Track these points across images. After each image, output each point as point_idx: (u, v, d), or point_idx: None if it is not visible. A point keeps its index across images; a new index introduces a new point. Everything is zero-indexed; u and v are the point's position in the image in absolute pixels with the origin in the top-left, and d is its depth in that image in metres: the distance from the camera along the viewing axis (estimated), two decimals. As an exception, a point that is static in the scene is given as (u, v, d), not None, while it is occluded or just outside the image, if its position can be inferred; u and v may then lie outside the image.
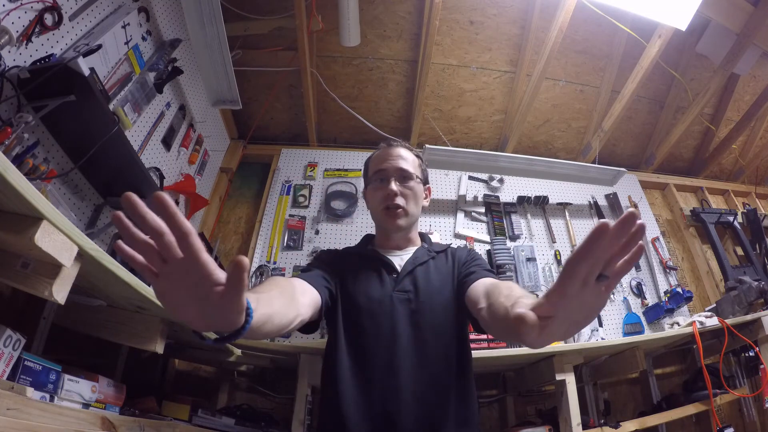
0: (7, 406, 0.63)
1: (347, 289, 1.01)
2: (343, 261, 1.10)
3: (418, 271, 1.05)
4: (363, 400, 0.89)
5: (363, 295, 0.99)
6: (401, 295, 0.99)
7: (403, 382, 0.89)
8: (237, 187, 2.47)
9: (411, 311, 0.96)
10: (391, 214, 1.09)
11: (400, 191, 1.09)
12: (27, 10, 1.04)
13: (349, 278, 1.04)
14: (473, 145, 2.81)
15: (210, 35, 1.66)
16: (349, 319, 0.98)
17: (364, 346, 0.94)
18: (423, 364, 0.91)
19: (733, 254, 2.60)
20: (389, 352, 0.92)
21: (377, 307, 0.97)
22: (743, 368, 1.91)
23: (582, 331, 1.86)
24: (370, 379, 0.90)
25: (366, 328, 0.95)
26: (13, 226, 0.61)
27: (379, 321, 0.95)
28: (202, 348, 1.44)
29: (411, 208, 1.10)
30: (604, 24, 2.27)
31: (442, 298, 0.99)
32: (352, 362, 0.93)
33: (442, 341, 0.95)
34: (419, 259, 1.08)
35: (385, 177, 1.11)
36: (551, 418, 1.58)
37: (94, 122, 1.14)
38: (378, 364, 0.91)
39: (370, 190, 1.16)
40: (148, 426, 0.96)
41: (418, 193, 1.13)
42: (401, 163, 1.12)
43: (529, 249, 2.25)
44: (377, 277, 1.04)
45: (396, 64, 2.46)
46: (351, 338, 0.96)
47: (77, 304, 1.00)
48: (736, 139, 2.88)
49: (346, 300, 1.00)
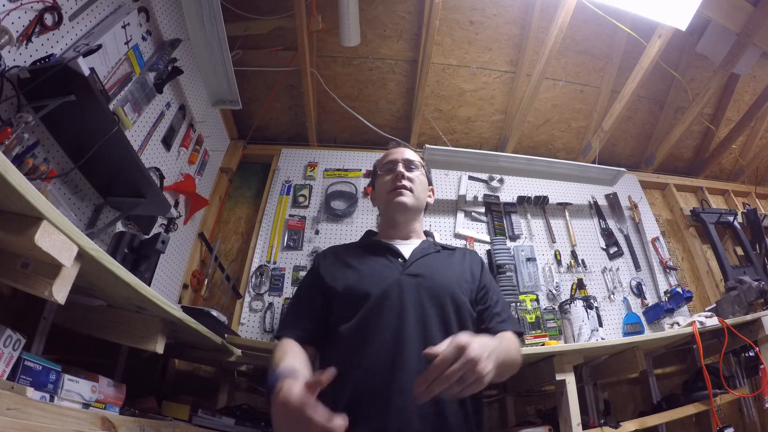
0: (7, 406, 0.63)
1: (349, 282, 1.00)
2: (342, 258, 1.10)
3: (426, 258, 1.07)
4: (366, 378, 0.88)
5: (369, 282, 0.98)
6: (410, 279, 0.99)
7: (409, 374, 0.86)
8: (237, 187, 2.47)
9: (419, 295, 0.96)
10: (398, 192, 1.13)
11: (407, 175, 1.16)
12: (27, 10, 1.04)
13: (351, 270, 1.03)
14: (473, 145, 2.81)
15: (210, 35, 1.66)
16: (351, 308, 0.96)
17: (370, 331, 0.92)
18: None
19: (733, 254, 2.60)
20: (397, 336, 0.90)
21: (386, 290, 0.96)
22: (743, 368, 1.91)
23: (582, 331, 1.86)
24: (374, 369, 0.87)
25: (373, 313, 0.93)
26: (13, 226, 0.61)
27: (387, 304, 0.94)
28: (202, 348, 1.45)
29: (417, 193, 1.16)
30: (604, 24, 2.27)
31: (450, 289, 0.99)
32: (357, 346, 0.91)
33: (449, 329, 0.94)
34: (426, 249, 1.10)
35: (393, 166, 1.19)
36: (551, 418, 1.58)
37: (94, 122, 1.13)
38: (384, 350, 0.89)
39: (378, 180, 1.23)
40: (148, 426, 0.96)
41: (423, 183, 1.20)
42: (408, 155, 1.21)
43: (529, 249, 2.25)
44: (384, 261, 1.05)
45: (396, 64, 2.46)
46: (356, 325, 0.94)
47: (77, 304, 1.00)
48: (736, 139, 2.88)
49: (348, 293, 0.99)
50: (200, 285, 2.06)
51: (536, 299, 2.10)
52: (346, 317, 0.95)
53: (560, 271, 2.28)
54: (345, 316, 0.96)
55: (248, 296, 2.00)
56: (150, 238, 1.26)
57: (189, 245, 2.05)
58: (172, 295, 1.88)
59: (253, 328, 1.93)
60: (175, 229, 1.87)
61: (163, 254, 1.30)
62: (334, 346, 0.96)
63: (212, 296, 2.09)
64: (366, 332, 0.92)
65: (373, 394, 0.85)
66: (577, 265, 2.30)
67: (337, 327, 0.97)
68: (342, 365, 0.89)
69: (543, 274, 2.23)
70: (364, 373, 0.87)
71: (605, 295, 2.24)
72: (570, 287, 2.21)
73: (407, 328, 0.90)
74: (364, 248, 1.13)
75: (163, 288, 1.80)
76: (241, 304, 1.99)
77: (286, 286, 2.04)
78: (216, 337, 1.28)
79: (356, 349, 0.90)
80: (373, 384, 0.86)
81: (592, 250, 2.39)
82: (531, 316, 2.03)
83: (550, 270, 2.25)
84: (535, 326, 2.00)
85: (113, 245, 1.23)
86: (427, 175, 1.24)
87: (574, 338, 1.87)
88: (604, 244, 2.43)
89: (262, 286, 2.02)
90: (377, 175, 1.25)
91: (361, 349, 0.90)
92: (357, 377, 0.87)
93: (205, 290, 2.08)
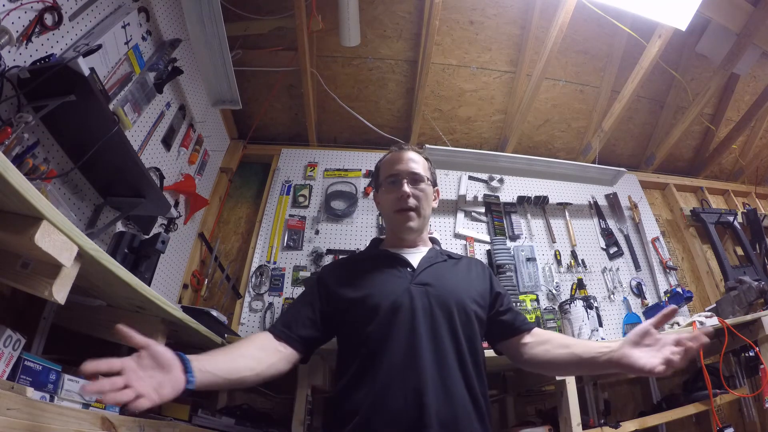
0: (7, 406, 0.63)
1: (360, 293, 1.01)
2: (351, 270, 1.11)
3: (434, 267, 1.08)
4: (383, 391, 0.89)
5: (379, 294, 1.00)
6: (419, 288, 1.01)
7: (425, 376, 0.89)
8: (237, 187, 2.47)
9: (429, 303, 0.98)
10: (404, 216, 1.12)
11: (412, 193, 1.12)
12: (27, 10, 1.04)
13: (362, 282, 1.05)
14: (473, 145, 2.81)
15: (210, 35, 1.65)
16: (365, 319, 0.98)
17: (384, 340, 0.94)
18: (440, 357, 0.92)
19: (733, 254, 2.60)
20: (410, 343, 0.92)
21: (397, 299, 0.98)
22: (743, 368, 1.91)
23: (582, 331, 1.86)
24: (389, 382, 0.89)
25: (387, 322, 0.95)
26: (13, 226, 0.61)
27: (399, 313, 0.96)
28: (202, 348, 1.44)
29: (423, 210, 1.14)
30: (604, 24, 2.27)
31: (457, 296, 1.01)
32: (373, 356, 0.93)
33: (457, 335, 0.96)
34: (433, 258, 1.11)
35: (397, 180, 1.15)
36: (551, 418, 1.58)
37: (94, 122, 1.13)
38: (398, 358, 0.91)
39: (382, 193, 1.20)
40: (148, 426, 0.96)
41: (429, 195, 1.18)
42: (413, 166, 1.16)
43: (529, 249, 2.25)
44: (393, 272, 1.06)
45: (396, 64, 2.46)
46: (370, 334, 0.95)
47: (77, 304, 1.00)
48: (736, 139, 2.88)
49: (359, 305, 1.00)
50: (200, 285, 2.06)
51: (536, 299, 2.10)
52: (361, 328, 0.97)
53: (560, 271, 2.28)
54: (359, 326, 0.97)
55: (248, 296, 2.00)
56: (150, 238, 1.26)
57: (189, 245, 2.05)
58: (172, 295, 1.88)
59: (253, 328, 1.93)
60: (175, 229, 1.87)
61: (163, 254, 1.31)
62: (350, 357, 0.98)
63: (212, 296, 2.09)
64: (381, 342, 0.94)
65: (392, 399, 0.87)
66: (577, 265, 2.30)
67: (351, 337, 0.99)
68: (360, 373, 0.92)
69: (543, 274, 2.23)
70: (382, 379, 0.90)
71: (605, 295, 2.24)
72: (570, 287, 2.21)
73: (419, 336, 0.93)
74: (372, 259, 1.14)
75: (163, 288, 1.80)
76: (241, 304, 1.99)
77: (286, 286, 2.04)
78: (216, 337, 1.28)
79: (372, 358, 0.93)
80: (390, 391, 0.88)
81: (592, 250, 2.39)
82: (531, 316, 2.03)
83: (550, 270, 2.25)
84: (535, 326, 1.99)
85: (113, 245, 1.22)
86: (432, 179, 1.20)
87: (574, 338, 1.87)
88: (604, 244, 2.43)
89: (262, 286, 2.02)
90: (380, 183, 1.21)
91: (378, 358, 0.92)
92: (375, 384, 0.90)
93: (205, 290, 2.08)
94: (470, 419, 0.89)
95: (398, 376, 0.89)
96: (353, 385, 0.93)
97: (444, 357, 0.92)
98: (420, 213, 1.13)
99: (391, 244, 1.19)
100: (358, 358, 0.94)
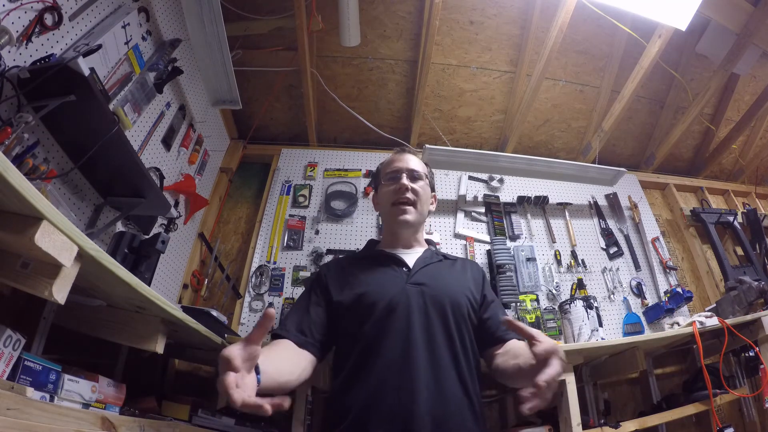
0: (7, 406, 0.63)
1: (356, 292, 1.02)
2: (348, 270, 1.12)
3: (430, 267, 1.10)
4: (377, 388, 0.90)
5: (375, 293, 1.01)
6: (414, 287, 1.02)
7: (418, 375, 0.89)
8: (237, 187, 2.47)
9: (424, 303, 0.99)
10: (401, 208, 1.14)
11: (411, 187, 1.16)
12: (27, 10, 1.04)
13: (358, 281, 1.06)
14: (473, 145, 2.81)
15: (210, 35, 1.65)
16: (362, 317, 0.99)
17: (380, 338, 0.95)
18: (434, 356, 0.93)
19: (733, 254, 2.60)
20: (405, 341, 0.93)
21: (393, 298, 0.99)
22: (743, 368, 1.91)
23: (582, 331, 1.86)
24: (383, 380, 0.90)
25: (383, 321, 0.96)
26: (13, 226, 0.61)
27: (395, 312, 0.97)
28: (202, 348, 1.45)
29: (420, 206, 1.17)
30: (604, 24, 2.28)
31: (451, 296, 1.02)
32: (369, 353, 0.94)
33: (451, 334, 0.97)
34: (428, 259, 1.13)
35: (397, 175, 1.18)
36: (551, 418, 1.58)
37: (94, 122, 1.13)
38: (393, 356, 0.92)
39: (381, 188, 1.22)
40: (148, 426, 0.96)
41: (427, 194, 1.20)
42: (413, 164, 1.20)
43: (529, 249, 2.25)
44: (389, 271, 1.08)
45: (396, 64, 2.46)
46: (366, 333, 0.96)
47: (77, 304, 1.00)
48: (736, 139, 2.88)
49: (357, 303, 1.01)
50: (200, 285, 2.06)
51: (536, 299, 2.10)
52: (357, 326, 0.98)
53: (560, 271, 2.28)
54: (355, 325, 0.99)
55: (248, 296, 2.00)
56: (150, 238, 1.26)
57: (189, 245, 2.05)
58: (172, 295, 1.88)
59: (252, 328, 1.93)
60: (175, 229, 1.87)
61: (163, 254, 1.31)
62: (345, 355, 0.98)
63: (212, 296, 2.09)
64: (376, 340, 0.95)
65: (385, 397, 0.88)
66: (577, 265, 2.30)
67: (347, 336, 1.00)
68: (355, 371, 0.93)
69: (543, 274, 2.23)
70: (376, 378, 0.90)
71: (605, 295, 2.24)
72: (570, 287, 2.21)
73: (414, 334, 0.94)
74: (368, 259, 1.15)
75: (163, 288, 1.80)
76: (241, 304, 1.99)
77: (286, 286, 2.04)
78: (216, 337, 1.28)
79: (367, 356, 0.94)
80: (384, 389, 0.89)
81: (592, 250, 2.39)
82: (531, 316, 2.03)
83: (550, 270, 2.25)
84: (535, 326, 2.00)
85: (113, 245, 1.22)
86: (430, 182, 1.24)
87: (574, 338, 1.87)
88: (604, 244, 2.43)
89: (262, 286, 2.02)
90: (380, 182, 1.24)
91: (372, 356, 0.93)
92: (369, 382, 0.91)
93: (205, 290, 2.08)
94: (463, 418, 0.90)
95: (392, 374, 0.90)
96: (348, 383, 0.94)
97: (438, 356, 0.93)
98: (417, 207, 1.15)
99: (387, 245, 1.21)
100: (354, 357, 0.95)
